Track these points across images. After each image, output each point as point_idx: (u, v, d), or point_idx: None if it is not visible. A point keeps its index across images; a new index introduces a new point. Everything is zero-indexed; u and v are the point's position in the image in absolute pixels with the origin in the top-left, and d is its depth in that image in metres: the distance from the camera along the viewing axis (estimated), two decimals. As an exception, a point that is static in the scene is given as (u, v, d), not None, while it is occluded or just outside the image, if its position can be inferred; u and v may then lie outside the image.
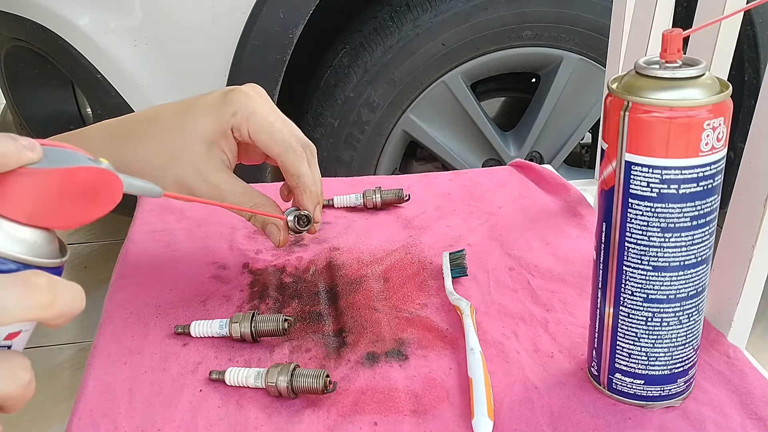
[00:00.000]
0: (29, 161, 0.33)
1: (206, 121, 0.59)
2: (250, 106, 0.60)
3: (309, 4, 1.22)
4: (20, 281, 0.32)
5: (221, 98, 0.60)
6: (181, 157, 0.59)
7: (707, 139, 0.43)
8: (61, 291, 0.33)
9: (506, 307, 0.61)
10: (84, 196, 0.35)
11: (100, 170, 0.35)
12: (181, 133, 0.60)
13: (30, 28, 1.21)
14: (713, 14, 0.63)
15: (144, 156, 0.60)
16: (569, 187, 0.80)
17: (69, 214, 0.35)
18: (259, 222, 0.62)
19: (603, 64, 0.96)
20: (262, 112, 0.60)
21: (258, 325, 0.56)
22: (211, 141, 0.59)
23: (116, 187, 0.36)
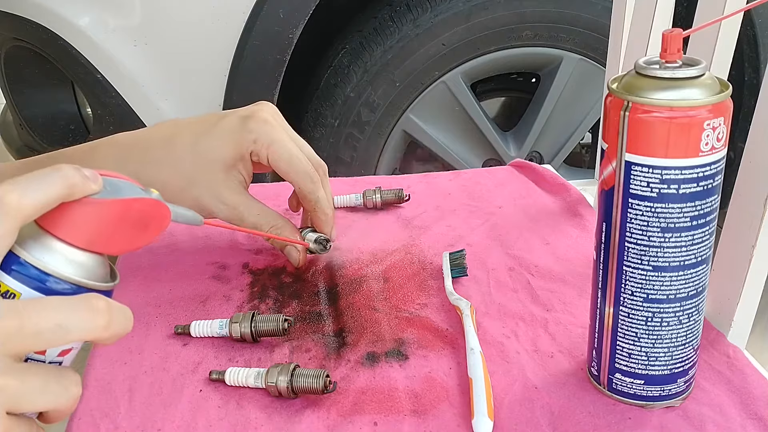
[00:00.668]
0: (92, 192, 0.36)
1: (225, 148, 0.61)
2: (270, 134, 0.61)
3: (309, 4, 1.22)
4: (83, 303, 0.34)
5: (240, 124, 0.61)
6: (199, 181, 0.61)
7: (707, 139, 0.43)
8: (116, 314, 0.36)
9: (506, 307, 0.61)
10: (137, 225, 0.37)
11: (153, 201, 0.38)
12: (200, 159, 0.61)
13: (30, 28, 1.21)
14: (713, 14, 0.63)
15: (161, 179, 0.60)
16: (569, 187, 0.80)
17: (122, 241, 0.37)
18: (278, 243, 0.65)
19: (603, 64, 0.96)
20: (282, 140, 0.61)
21: (258, 325, 0.56)
22: (229, 166, 0.61)
23: (165, 216, 0.39)
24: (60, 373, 0.35)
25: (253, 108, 0.63)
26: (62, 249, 0.35)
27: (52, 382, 0.34)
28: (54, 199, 0.34)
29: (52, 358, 0.36)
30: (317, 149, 1.32)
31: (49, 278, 0.35)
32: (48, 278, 0.35)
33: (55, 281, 0.35)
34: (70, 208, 0.35)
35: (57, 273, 0.35)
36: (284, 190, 0.83)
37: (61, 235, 0.35)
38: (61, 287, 0.35)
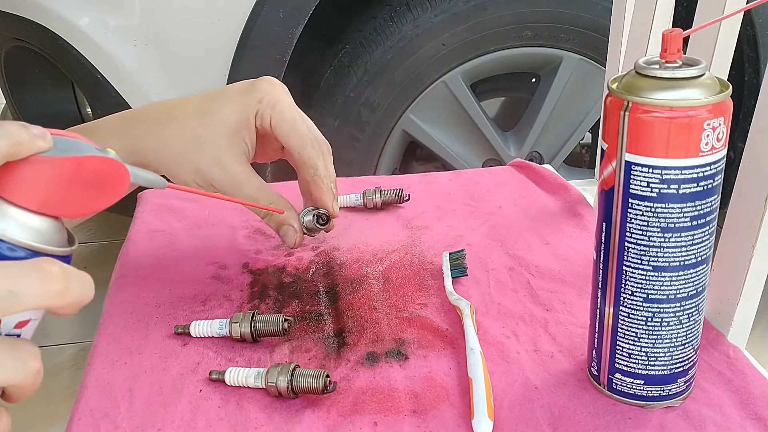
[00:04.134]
0: (40, 150, 0.34)
1: (232, 108, 0.60)
2: (276, 95, 0.60)
3: (309, 4, 1.22)
4: (34, 268, 0.32)
5: (248, 86, 0.61)
6: (203, 144, 0.59)
7: (707, 139, 0.43)
8: (73, 279, 0.34)
9: (506, 307, 0.61)
10: (92, 185, 0.35)
11: (109, 160, 0.36)
12: (206, 120, 0.59)
13: (30, 28, 1.21)
14: (713, 14, 0.63)
15: (165, 141, 0.59)
16: (569, 187, 0.80)
17: (78, 203, 0.35)
18: (273, 222, 0.62)
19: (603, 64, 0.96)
20: (287, 102, 0.61)
21: (258, 325, 0.56)
22: (234, 129, 0.59)
23: (123, 176, 0.36)
24: (15, 346, 0.33)
25: (264, 77, 0.62)
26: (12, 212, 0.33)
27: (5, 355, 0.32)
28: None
29: (8, 331, 0.34)
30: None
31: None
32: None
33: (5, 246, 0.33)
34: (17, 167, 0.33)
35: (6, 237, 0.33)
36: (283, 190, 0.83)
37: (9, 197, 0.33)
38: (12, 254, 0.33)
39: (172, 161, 0.59)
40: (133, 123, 0.61)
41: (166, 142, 0.59)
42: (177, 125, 0.60)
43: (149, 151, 0.59)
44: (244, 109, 0.59)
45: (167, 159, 0.59)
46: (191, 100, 0.61)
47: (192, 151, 0.59)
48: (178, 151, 0.59)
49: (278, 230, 0.62)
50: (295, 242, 0.62)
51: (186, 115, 0.60)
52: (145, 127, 0.60)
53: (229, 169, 0.59)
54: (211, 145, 0.59)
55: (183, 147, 0.59)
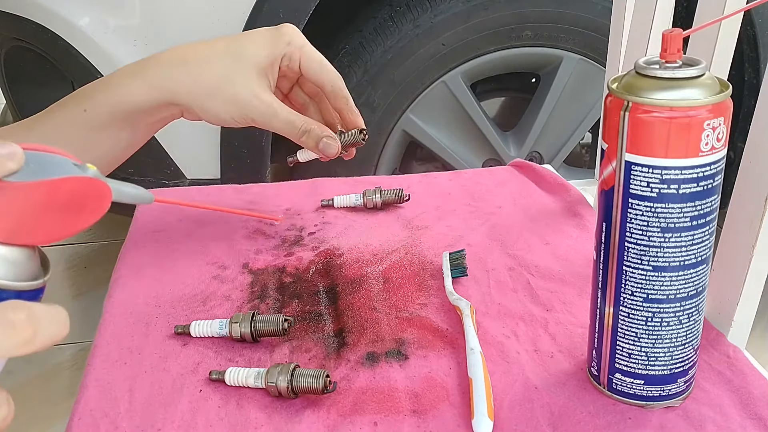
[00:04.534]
0: (8, 172, 0.30)
1: (260, 49, 0.64)
2: (301, 39, 0.66)
3: (309, 4, 1.22)
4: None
5: (274, 29, 0.66)
6: (235, 79, 0.63)
7: (707, 139, 0.43)
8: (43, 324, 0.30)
9: (506, 307, 0.61)
10: (69, 208, 0.32)
11: (87, 179, 0.32)
12: (235, 58, 0.63)
13: (30, 28, 1.21)
14: (713, 14, 0.63)
15: (196, 79, 0.63)
16: (569, 187, 0.80)
17: (52, 228, 0.32)
18: (312, 139, 0.66)
19: (603, 64, 0.96)
20: (311, 45, 0.67)
21: (258, 325, 0.56)
22: (262, 67, 0.64)
23: (105, 195, 0.33)
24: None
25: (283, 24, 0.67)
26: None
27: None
28: None
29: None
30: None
31: None
32: None
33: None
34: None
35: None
36: (284, 190, 0.83)
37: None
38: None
39: (204, 96, 0.63)
40: (154, 66, 0.63)
41: (197, 79, 0.63)
42: (206, 63, 0.63)
43: (178, 89, 0.62)
44: (272, 51, 0.64)
45: (199, 95, 0.63)
46: (215, 42, 0.65)
47: (225, 86, 0.63)
48: (211, 87, 0.63)
49: (317, 144, 0.66)
50: (337, 151, 0.67)
51: (214, 54, 0.63)
52: (170, 68, 0.63)
53: (264, 99, 0.63)
54: (243, 79, 0.63)
55: (215, 83, 0.63)
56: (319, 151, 0.67)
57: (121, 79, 0.63)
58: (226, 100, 0.63)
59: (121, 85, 0.63)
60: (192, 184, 1.28)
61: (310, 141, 0.66)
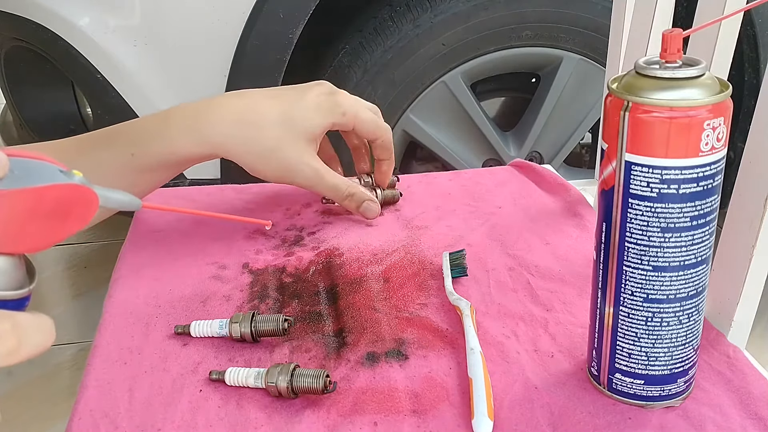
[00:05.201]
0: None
1: (315, 118, 0.68)
2: (355, 106, 0.71)
3: (309, 4, 1.22)
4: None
5: (328, 98, 0.69)
6: (287, 146, 0.67)
7: (707, 139, 0.43)
8: (27, 334, 0.30)
9: (506, 307, 0.61)
10: (55, 215, 0.31)
11: (73, 186, 0.32)
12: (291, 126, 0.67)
13: (30, 28, 1.21)
14: (713, 14, 0.63)
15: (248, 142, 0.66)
16: (569, 187, 0.80)
17: (38, 236, 0.31)
18: (354, 202, 0.72)
19: (603, 64, 0.96)
20: (365, 109, 0.71)
21: (258, 325, 0.56)
22: (313, 136, 0.68)
23: (91, 202, 0.32)
24: None
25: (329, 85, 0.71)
26: None
27: None
28: None
29: None
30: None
31: None
32: None
33: None
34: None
35: None
36: (284, 190, 0.83)
37: None
38: None
39: (256, 159, 0.67)
40: (207, 122, 0.66)
41: (251, 144, 0.66)
42: (261, 130, 0.66)
43: (232, 149, 0.66)
44: (325, 121, 0.68)
45: (250, 157, 0.67)
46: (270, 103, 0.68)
47: (277, 153, 0.66)
48: (263, 152, 0.66)
49: (359, 207, 0.72)
50: (376, 214, 0.74)
51: (269, 122, 0.66)
52: (225, 127, 0.66)
53: (312, 165, 0.68)
54: (294, 147, 0.67)
55: (268, 149, 0.66)
56: (360, 214, 0.73)
57: (174, 131, 0.65)
58: (277, 166, 0.67)
59: (174, 138, 0.65)
60: (192, 184, 1.28)
61: (353, 204, 0.72)
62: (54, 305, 1.64)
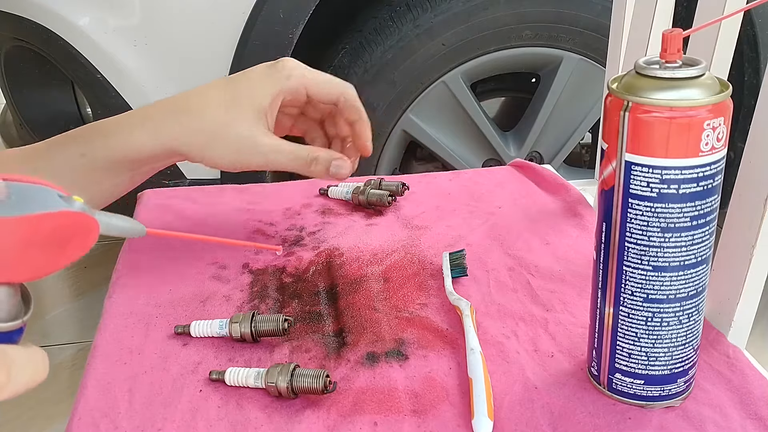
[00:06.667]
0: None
1: (258, 88, 0.63)
2: (301, 69, 0.64)
3: (309, 4, 1.22)
4: None
5: (271, 66, 0.64)
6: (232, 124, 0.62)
7: (707, 139, 0.43)
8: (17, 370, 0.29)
9: (506, 307, 0.61)
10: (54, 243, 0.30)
11: (74, 214, 0.30)
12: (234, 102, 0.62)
13: (30, 28, 1.21)
14: (713, 14, 0.63)
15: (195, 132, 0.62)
16: (569, 187, 0.80)
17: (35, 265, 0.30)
18: (321, 165, 0.64)
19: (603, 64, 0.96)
20: (311, 69, 0.65)
21: (258, 325, 0.56)
22: (260, 108, 0.62)
23: (92, 230, 0.31)
24: None
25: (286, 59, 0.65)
26: None
27: None
28: None
29: None
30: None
31: None
32: None
33: None
34: None
35: None
36: (284, 190, 0.83)
37: None
38: None
39: (203, 146, 0.62)
40: (154, 116, 0.63)
41: (194, 130, 0.62)
42: (202, 113, 0.62)
43: (178, 140, 0.61)
44: (270, 89, 0.63)
45: (196, 145, 0.62)
46: (212, 87, 0.64)
47: (222, 134, 0.61)
48: (208, 136, 0.61)
49: (328, 169, 0.64)
50: (350, 172, 0.65)
51: (210, 103, 0.62)
52: (170, 118, 0.62)
53: (264, 141, 0.62)
54: (241, 124, 0.62)
55: (212, 132, 0.62)
56: (331, 177, 0.65)
57: (121, 128, 0.63)
58: (225, 148, 0.62)
59: (121, 133, 0.62)
60: (192, 184, 1.28)
61: (320, 167, 0.64)
62: (54, 305, 1.64)
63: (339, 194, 0.79)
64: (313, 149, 0.64)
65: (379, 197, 0.77)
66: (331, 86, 0.65)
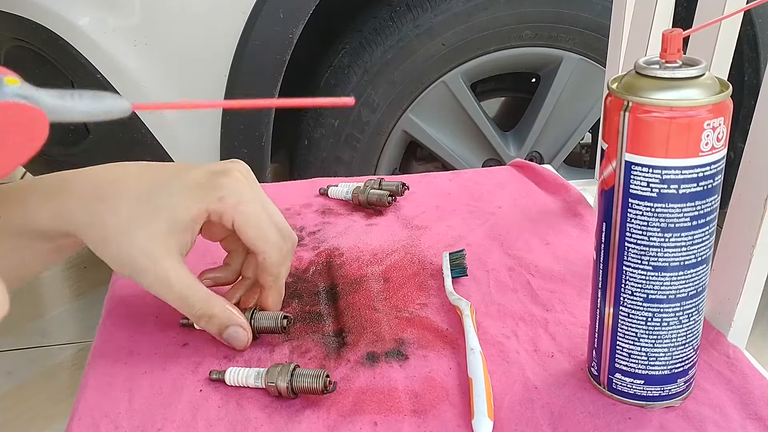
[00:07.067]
0: None
1: (184, 200, 0.53)
2: (240, 191, 0.54)
3: (309, 4, 1.22)
4: None
5: (208, 179, 0.54)
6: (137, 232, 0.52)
7: (707, 139, 0.43)
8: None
9: (506, 307, 0.61)
10: None
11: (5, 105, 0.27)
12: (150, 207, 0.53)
13: (30, 29, 1.21)
14: (713, 14, 0.63)
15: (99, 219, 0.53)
16: (569, 187, 0.80)
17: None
18: (215, 326, 0.54)
19: (603, 64, 0.96)
20: (252, 201, 0.55)
21: (257, 322, 0.56)
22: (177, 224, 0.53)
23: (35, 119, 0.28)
24: None
25: (225, 164, 0.56)
26: None
27: None
28: None
29: None
30: (317, 149, 1.33)
31: None
32: None
33: None
34: None
35: None
36: (284, 190, 0.83)
37: None
38: None
39: (98, 243, 0.53)
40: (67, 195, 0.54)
41: (97, 223, 0.52)
42: (113, 205, 0.53)
43: (79, 227, 0.53)
44: (197, 205, 0.53)
45: (94, 240, 0.53)
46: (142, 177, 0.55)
47: (121, 239, 0.52)
48: (107, 235, 0.52)
49: (221, 334, 0.55)
50: (246, 343, 0.55)
51: (126, 198, 0.53)
52: (80, 202, 0.53)
53: (162, 265, 0.52)
54: (145, 235, 0.52)
55: (112, 233, 0.52)
56: (224, 340, 0.55)
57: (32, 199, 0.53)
58: (119, 256, 0.52)
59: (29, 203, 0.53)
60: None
61: (212, 328, 0.54)
62: (54, 305, 1.64)
63: (339, 194, 0.79)
64: (210, 304, 0.54)
65: (379, 197, 0.77)
66: (258, 235, 0.55)
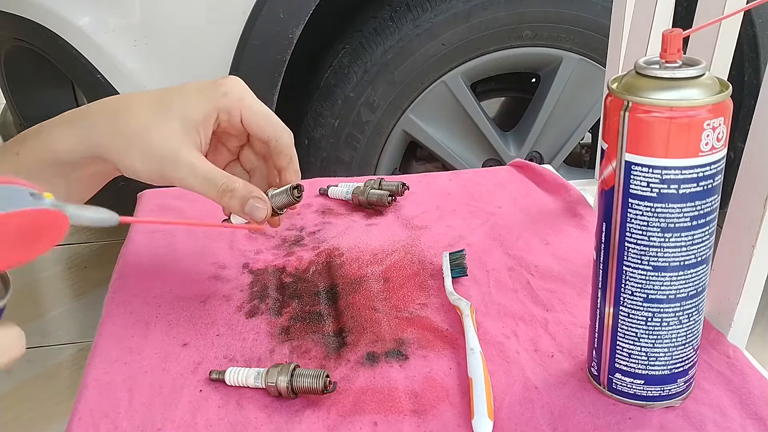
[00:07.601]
0: None
1: (191, 101, 0.57)
2: (241, 89, 0.58)
3: (309, 4, 1.22)
4: None
5: (210, 82, 0.59)
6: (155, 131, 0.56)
7: (707, 139, 0.43)
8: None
9: (506, 307, 0.61)
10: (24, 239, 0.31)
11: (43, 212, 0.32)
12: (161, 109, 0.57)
13: (30, 28, 1.21)
14: (713, 14, 0.63)
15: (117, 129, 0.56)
16: (569, 187, 0.80)
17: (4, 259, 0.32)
18: (236, 200, 0.56)
19: (603, 64, 0.96)
20: (253, 96, 0.59)
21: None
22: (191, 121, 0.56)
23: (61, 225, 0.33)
24: None
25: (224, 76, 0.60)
26: None
27: None
28: None
29: None
30: (317, 149, 1.33)
31: None
32: None
33: None
34: None
35: None
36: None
37: None
38: None
39: (121, 149, 0.56)
40: (84, 115, 0.58)
41: (116, 131, 0.56)
42: (130, 113, 0.57)
43: (102, 140, 0.56)
44: (205, 104, 0.57)
45: (115, 148, 0.56)
46: (147, 94, 0.59)
47: (143, 139, 0.55)
48: (128, 139, 0.56)
49: (243, 207, 0.56)
50: (265, 216, 0.57)
51: (139, 105, 0.57)
52: (99, 117, 0.57)
53: (183, 156, 0.56)
54: (164, 133, 0.56)
55: (133, 135, 0.56)
56: (246, 215, 0.57)
57: (52, 126, 0.58)
58: (143, 155, 0.55)
59: (51, 133, 0.57)
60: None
61: (234, 202, 0.56)
62: (54, 305, 1.64)
63: (339, 194, 0.79)
64: (232, 179, 0.56)
65: (379, 197, 0.77)
66: (267, 122, 0.59)
